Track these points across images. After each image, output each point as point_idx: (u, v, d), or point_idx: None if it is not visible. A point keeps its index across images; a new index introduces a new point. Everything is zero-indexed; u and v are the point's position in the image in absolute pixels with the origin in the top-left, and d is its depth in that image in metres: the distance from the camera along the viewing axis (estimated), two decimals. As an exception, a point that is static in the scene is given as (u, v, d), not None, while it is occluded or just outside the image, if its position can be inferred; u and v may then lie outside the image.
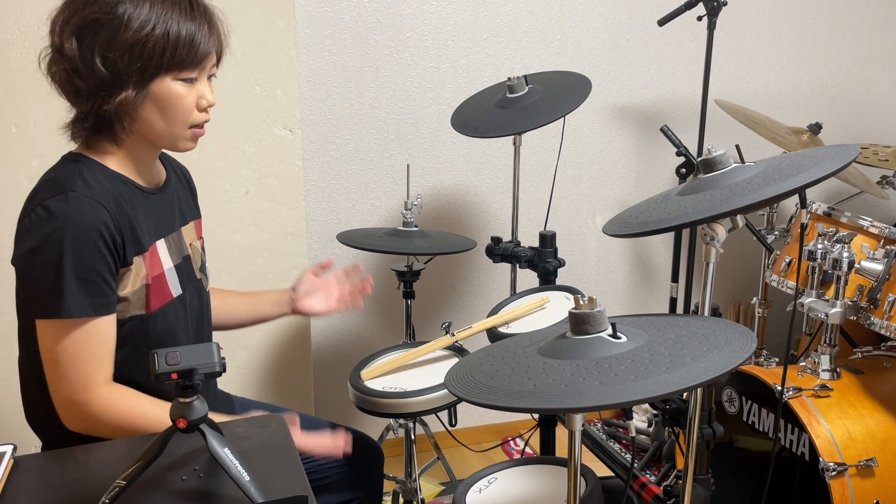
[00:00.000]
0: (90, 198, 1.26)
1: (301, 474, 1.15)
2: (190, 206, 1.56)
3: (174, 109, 1.32)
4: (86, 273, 1.25)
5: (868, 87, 3.04)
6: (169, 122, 1.32)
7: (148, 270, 1.34)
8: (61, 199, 1.25)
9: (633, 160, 2.83)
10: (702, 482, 1.49)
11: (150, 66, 1.27)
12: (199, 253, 1.53)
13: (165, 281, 1.38)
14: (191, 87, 1.32)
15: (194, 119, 1.35)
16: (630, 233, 1.26)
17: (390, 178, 2.57)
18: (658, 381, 0.98)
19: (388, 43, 2.48)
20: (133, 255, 1.32)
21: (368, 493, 1.71)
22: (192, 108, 1.34)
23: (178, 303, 1.41)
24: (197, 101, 1.34)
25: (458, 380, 1.13)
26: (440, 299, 2.72)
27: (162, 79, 1.29)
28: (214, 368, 1.07)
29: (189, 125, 1.35)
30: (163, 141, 1.36)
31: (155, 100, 1.30)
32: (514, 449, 2.79)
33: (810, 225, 2.16)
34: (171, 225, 1.45)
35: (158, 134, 1.34)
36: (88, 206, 1.26)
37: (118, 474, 1.07)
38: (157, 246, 1.38)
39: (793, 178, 1.15)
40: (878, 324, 1.88)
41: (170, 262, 1.41)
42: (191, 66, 1.30)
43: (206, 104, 1.35)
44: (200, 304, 1.50)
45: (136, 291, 1.33)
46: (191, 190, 1.60)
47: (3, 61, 1.92)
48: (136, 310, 1.33)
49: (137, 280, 1.33)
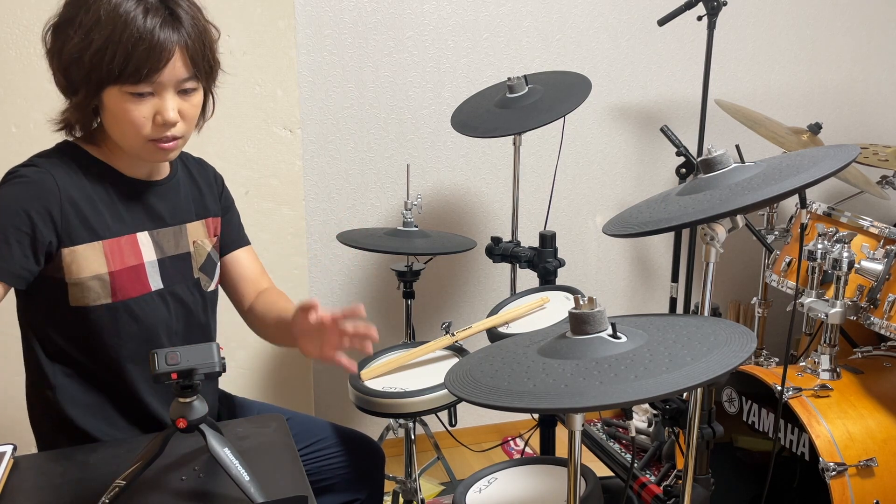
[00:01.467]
0: (45, 170, 1.30)
1: (301, 474, 1.15)
2: (204, 204, 1.53)
3: (122, 123, 1.29)
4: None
5: (868, 87, 3.04)
6: (122, 134, 1.31)
7: (109, 258, 1.33)
8: (19, 168, 1.31)
9: (633, 160, 2.83)
10: (702, 482, 1.49)
11: (92, 76, 1.26)
12: (204, 251, 1.51)
13: (144, 273, 1.38)
14: (142, 102, 1.27)
15: (148, 134, 1.29)
16: (630, 233, 1.26)
17: (390, 178, 2.57)
18: (658, 381, 0.98)
19: (388, 43, 2.48)
20: (84, 240, 1.31)
21: (370, 494, 1.71)
22: (146, 122, 1.28)
23: (156, 296, 1.40)
24: (153, 116, 1.29)
25: (458, 380, 1.13)
26: (440, 299, 2.72)
27: (110, 90, 1.27)
28: (214, 368, 1.07)
29: (146, 139, 1.30)
30: (127, 150, 1.34)
31: (107, 110, 1.30)
32: (514, 449, 2.79)
33: (810, 225, 2.16)
34: (165, 219, 1.43)
35: (120, 142, 1.34)
36: (38, 174, 1.29)
37: (118, 474, 1.07)
38: (138, 238, 1.38)
39: (793, 178, 1.15)
40: (878, 324, 1.88)
41: (153, 255, 1.40)
42: (132, 81, 1.25)
43: (162, 121, 1.28)
44: (194, 302, 1.48)
45: (95, 277, 1.32)
46: (210, 188, 1.57)
47: (3, 61, 1.92)
48: (102, 298, 1.33)
49: (94, 266, 1.32)
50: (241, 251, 1.63)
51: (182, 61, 1.28)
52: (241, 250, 1.63)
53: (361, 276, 2.61)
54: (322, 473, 1.63)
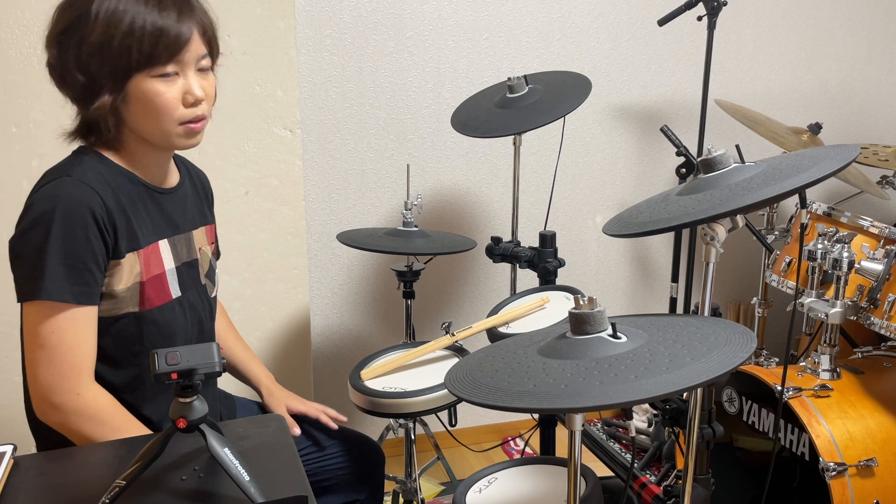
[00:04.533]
0: (84, 183, 1.27)
1: (301, 474, 1.15)
2: (203, 211, 1.54)
3: (156, 108, 1.29)
4: (70, 258, 1.24)
5: (868, 87, 3.04)
6: (154, 121, 1.30)
7: (143, 268, 1.33)
8: (56, 183, 1.26)
9: (633, 160, 2.83)
10: (702, 482, 1.49)
11: (119, 66, 1.25)
12: (207, 258, 1.52)
13: (166, 281, 1.38)
14: (171, 83, 1.29)
15: (181, 116, 1.31)
16: (630, 233, 1.26)
17: (390, 178, 2.57)
18: (658, 381, 0.98)
19: (388, 43, 2.48)
20: (126, 250, 1.31)
21: (370, 494, 1.71)
22: (177, 104, 1.30)
23: (176, 304, 1.40)
24: (182, 97, 1.30)
25: (458, 380, 1.13)
26: (440, 299, 2.72)
27: (136, 78, 1.27)
28: (214, 368, 1.07)
29: (178, 122, 1.31)
30: (156, 141, 1.34)
31: (136, 100, 1.29)
32: (514, 449, 2.79)
33: (810, 225, 2.16)
34: (179, 227, 1.44)
35: (149, 133, 1.32)
36: (81, 190, 1.26)
37: (118, 474, 1.07)
38: (160, 245, 1.38)
39: (793, 178, 1.15)
40: (878, 324, 1.88)
41: (171, 262, 1.40)
42: (161, 61, 1.26)
43: (193, 99, 1.31)
44: (203, 308, 1.48)
45: (129, 288, 1.32)
46: (206, 195, 1.58)
47: (3, 61, 1.92)
48: (129, 306, 1.33)
49: (131, 276, 1.32)
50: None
51: (199, 39, 1.31)
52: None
53: (361, 276, 2.61)
54: (322, 474, 1.63)
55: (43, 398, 1.28)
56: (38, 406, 1.29)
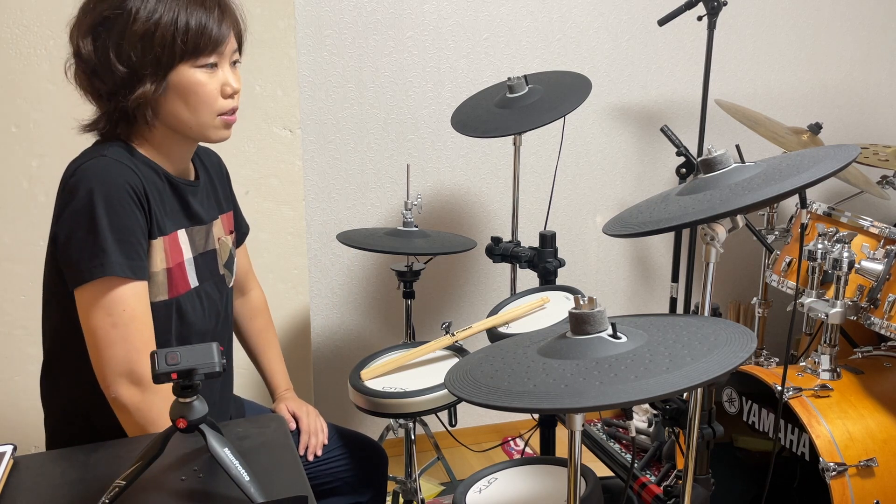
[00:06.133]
0: (120, 161, 1.28)
1: (301, 474, 1.15)
2: (219, 199, 1.54)
3: (197, 98, 1.31)
4: (121, 233, 1.24)
5: (868, 87, 3.04)
6: (194, 111, 1.32)
7: (168, 254, 1.34)
8: (94, 163, 1.27)
9: (633, 160, 2.83)
10: (702, 482, 1.49)
11: (163, 56, 1.27)
12: (227, 248, 1.52)
13: (185, 270, 1.38)
14: (212, 74, 1.31)
15: (220, 107, 1.33)
16: (630, 233, 1.26)
17: (390, 178, 2.57)
18: (658, 381, 0.97)
19: (388, 43, 2.48)
20: (157, 234, 1.32)
21: (373, 496, 1.71)
22: (216, 95, 1.32)
23: (195, 294, 1.41)
24: (221, 88, 1.33)
25: (457, 380, 1.13)
26: (440, 299, 2.72)
27: (180, 68, 1.28)
28: (214, 368, 1.07)
29: (216, 113, 1.33)
30: (192, 132, 1.35)
31: (177, 90, 1.30)
32: (514, 449, 2.79)
33: (810, 225, 2.16)
34: (197, 218, 1.44)
35: (186, 125, 1.33)
36: (119, 168, 1.27)
37: (118, 474, 1.07)
38: (179, 234, 1.38)
39: (793, 178, 1.15)
40: (878, 324, 1.88)
41: (189, 252, 1.40)
42: (206, 51, 1.29)
43: (231, 90, 1.34)
44: (220, 299, 1.48)
45: (160, 272, 1.32)
46: (221, 176, 1.58)
47: (3, 61, 1.92)
48: (161, 294, 1.33)
49: (160, 260, 1.32)
50: (241, 248, 1.65)
51: (233, 33, 1.34)
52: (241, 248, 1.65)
53: (361, 276, 2.61)
54: (325, 477, 1.63)
55: (122, 376, 1.25)
56: (113, 387, 1.26)
